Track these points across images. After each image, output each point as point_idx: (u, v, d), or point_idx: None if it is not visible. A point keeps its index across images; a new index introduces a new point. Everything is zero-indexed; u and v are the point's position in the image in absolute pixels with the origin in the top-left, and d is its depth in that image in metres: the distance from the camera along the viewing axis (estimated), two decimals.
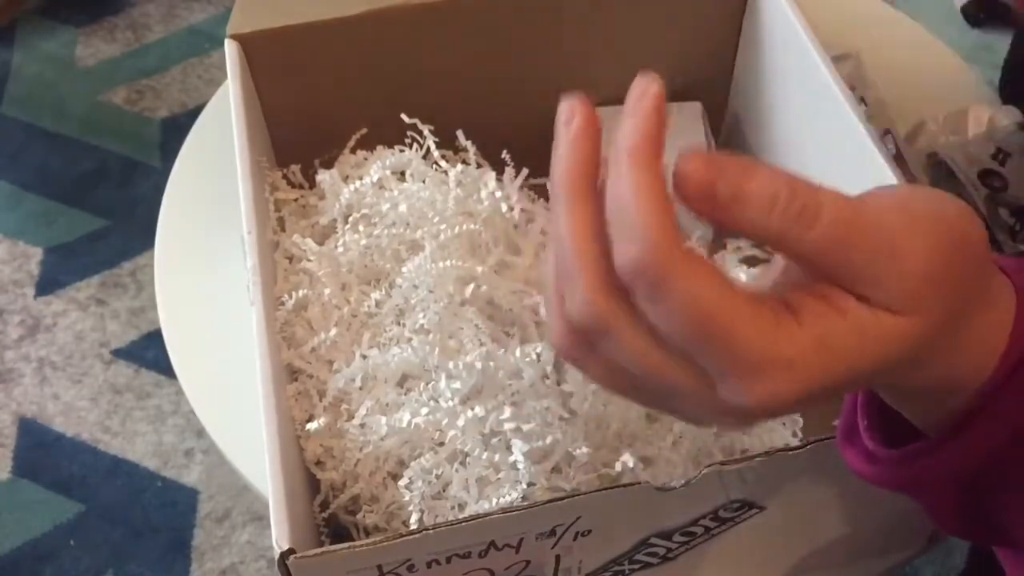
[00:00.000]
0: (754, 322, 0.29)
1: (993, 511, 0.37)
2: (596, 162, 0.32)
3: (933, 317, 0.31)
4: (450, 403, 0.51)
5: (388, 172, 0.61)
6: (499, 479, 0.49)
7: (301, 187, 0.65)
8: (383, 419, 0.52)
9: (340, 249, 0.58)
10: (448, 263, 0.55)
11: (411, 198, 0.59)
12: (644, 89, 0.33)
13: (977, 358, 0.34)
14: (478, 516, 0.42)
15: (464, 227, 0.57)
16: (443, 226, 0.57)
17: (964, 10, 1.98)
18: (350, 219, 0.60)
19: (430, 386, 0.53)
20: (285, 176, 0.65)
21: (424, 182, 0.60)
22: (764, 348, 0.29)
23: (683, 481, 0.44)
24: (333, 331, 0.55)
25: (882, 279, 0.30)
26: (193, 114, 0.82)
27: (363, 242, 0.58)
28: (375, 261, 0.59)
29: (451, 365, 0.52)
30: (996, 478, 0.36)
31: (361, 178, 0.61)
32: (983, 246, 0.33)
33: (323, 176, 0.62)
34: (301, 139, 0.65)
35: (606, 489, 0.43)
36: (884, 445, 0.38)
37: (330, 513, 0.53)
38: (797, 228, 0.30)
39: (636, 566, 0.51)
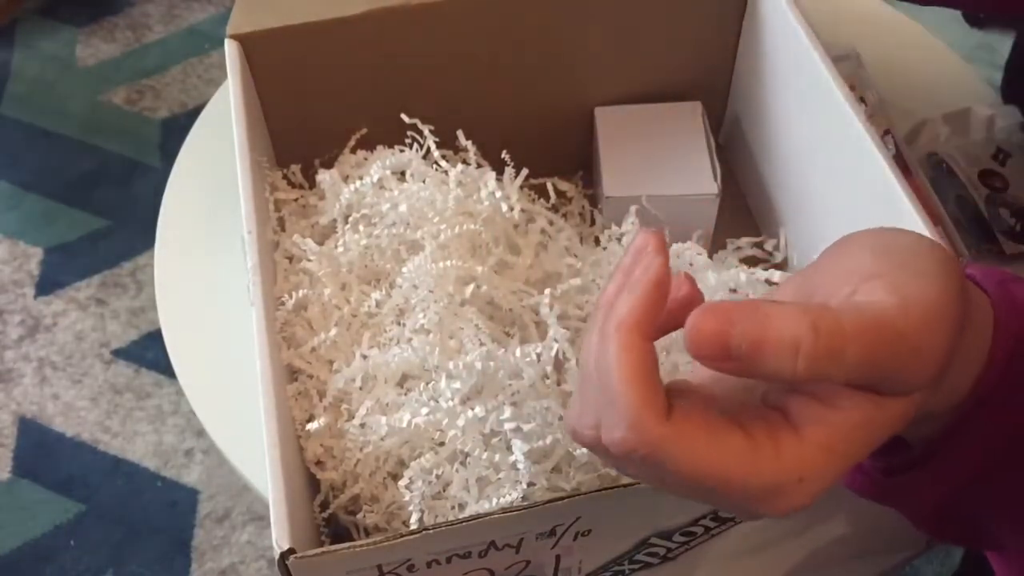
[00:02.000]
0: (754, 460, 0.30)
1: (975, 519, 0.37)
2: (660, 311, 0.32)
3: (933, 385, 0.31)
4: (450, 403, 0.51)
5: (388, 172, 0.61)
6: (499, 479, 0.49)
7: (301, 187, 0.65)
8: (383, 419, 0.52)
9: (340, 249, 0.58)
10: (448, 263, 0.55)
11: (411, 198, 0.59)
12: (643, 247, 0.33)
13: (955, 381, 0.34)
14: (478, 516, 0.42)
15: (464, 227, 0.57)
16: (443, 226, 0.57)
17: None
18: (350, 219, 0.60)
19: (430, 386, 0.53)
20: (285, 176, 0.65)
21: (424, 182, 0.60)
22: (769, 479, 0.30)
23: None
24: (333, 331, 0.55)
25: (906, 379, 0.30)
26: (193, 114, 0.82)
27: (363, 242, 0.58)
28: (375, 261, 0.59)
29: (451, 365, 0.52)
30: (975, 492, 0.36)
31: (361, 178, 0.61)
32: (964, 280, 0.33)
33: (323, 176, 0.62)
34: (301, 139, 0.65)
35: (606, 489, 0.43)
36: (873, 456, 0.37)
37: (330, 513, 0.53)
38: (827, 367, 0.29)
39: (636, 566, 0.51)
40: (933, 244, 0.33)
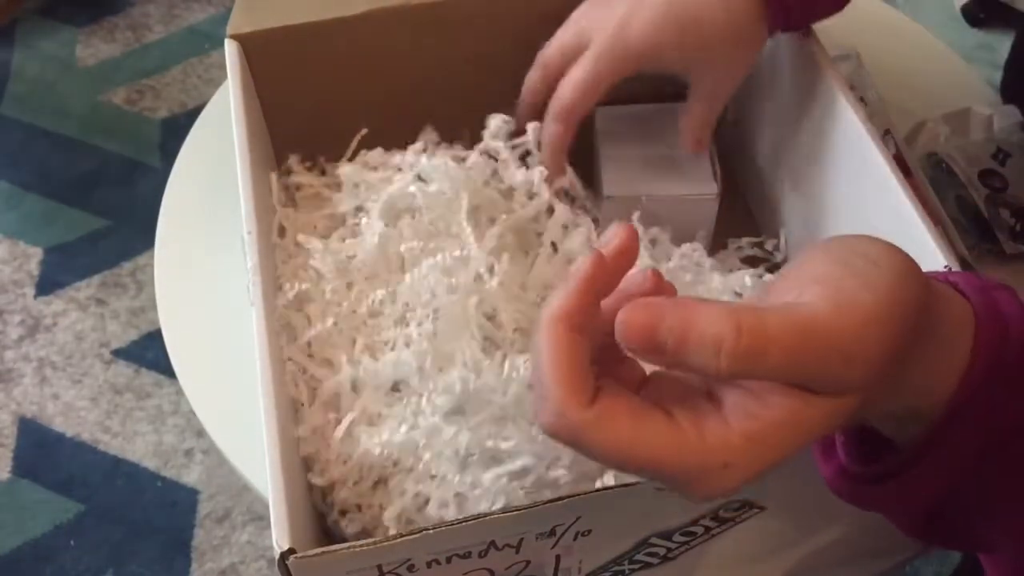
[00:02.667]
0: (676, 445, 0.31)
1: (965, 522, 0.37)
2: (592, 304, 0.34)
3: (870, 388, 0.32)
4: (432, 419, 0.51)
5: (405, 172, 0.61)
6: (476, 496, 0.49)
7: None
8: (363, 434, 0.52)
9: (348, 244, 0.59)
10: (453, 280, 0.55)
11: (427, 198, 0.59)
12: (609, 240, 0.35)
13: (928, 384, 0.34)
14: (478, 516, 0.42)
15: (477, 229, 0.57)
16: (453, 228, 0.57)
17: (964, 10, 1.98)
18: (362, 216, 0.60)
19: (415, 400, 0.53)
20: (284, 178, 0.65)
21: (438, 183, 0.60)
22: (693, 462, 0.31)
23: None
24: (330, 321, 0.55)
25: (833, 382, 0.31)
26: (193, 114, 0.82)
27: (375, 240, 0.58)
28: (387, 259, 0.59)
29: (431, 385, 0.52)
30: (962, 494, 0.36)
31: (376, 169, 0.61)
32: (923, 291, 0.33)
33: (344, 170, 0.62)
34: (301, 139, 0.65)
35: (606, 489, 0.43)
36: (862, 461, 0.38)
37: (322, 514, 0.53)
38: (748, 365, 0.30)
39: (636, 566, 0.51)
40: (894, 254, 0.34)
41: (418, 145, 0.62)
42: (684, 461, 0.32)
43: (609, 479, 0.49)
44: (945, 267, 0.50)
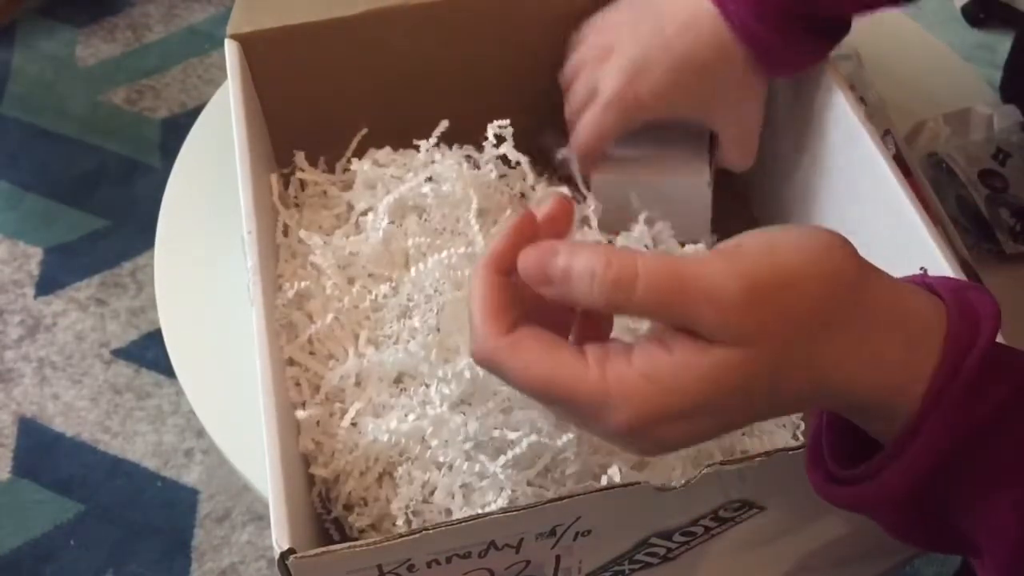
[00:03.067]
0: (579, 374, 0.35)
1: (945, 524, 0.38)
2: (516, 251, 0.38)
3: (763, 344, 0.34)
4: (439, 410, 0.51)
5: (418, 171, 0.61)
6: (483, 486, 0.50)
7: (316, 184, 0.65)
8: (371, 424, 0.52)
9: (351, 241, 0.59)
10: (459, 272, 0.55)
11: (437, 197, 0.59)
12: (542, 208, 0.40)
13: (899, 382, 0.35)
14: (478, 516, 0.42)
15: (483, 228, 0.57)
16: (459, 223, 0.57)
17: (964, 10, 1.98)
18: (369, 213, 0.60)
19: (421, 390, 0.53)
20: (288, 175, 0.65)
21: (449, 183, 0.60)
22: (593, 390, 0.35)
23: (683, 481, 0.44)
24: (329, 317, 0.55)
25: (713, 328, 0.34)
26: (193, 114, 0.82)
27: (379, 236, 0.58)
28: (390, 255, 0.59)
29: (440, 373, 0.52)
30: (936, 495, 0.36)
31: (388, 167, 0.61)
32: (848, 271, 0.35)
33: (357, 166, 0.62)
34: (301, 139, 0.65)
35: (606, 489, 0.43)
36: (849, 466, 0.38)
37: (326, 507, 0.53)
38: (618, 295, 0.34)
39: (636, 566, 0.51)
40: (818, 234, 0.36)
41: (431, 142, 0.62)
42: (583, 391, 0.35)
43: (615, 476, 0.49)
44: (921, 269, 0.51)
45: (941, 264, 0.52)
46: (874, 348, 0.35)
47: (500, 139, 0.60)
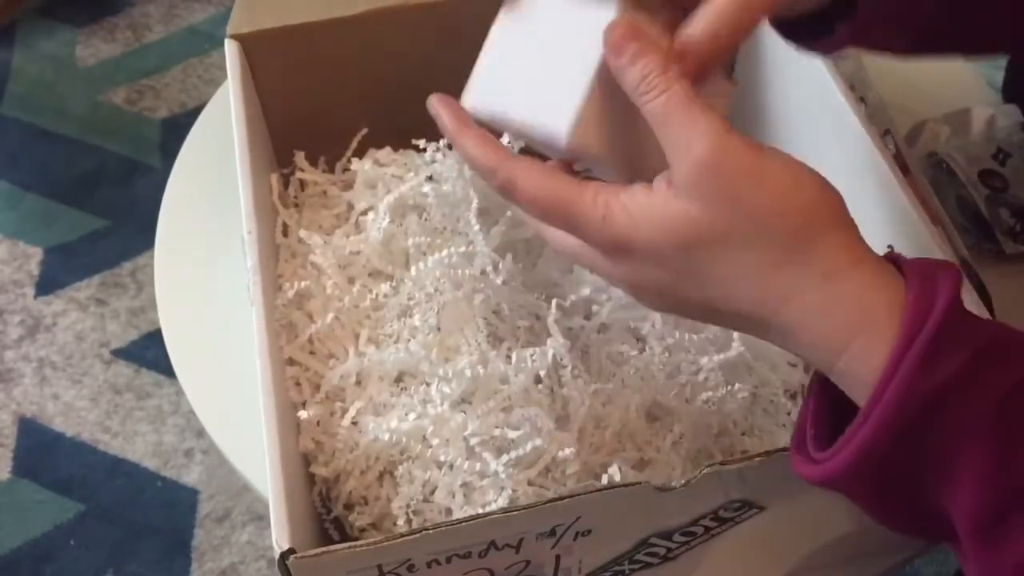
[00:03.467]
0: (581, 193, 0.41)
1: (917, 507, 0.38)
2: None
3: (712, 212, 0.37)
4: (439, 408, 0.51)
5: (419, 171, 0.61)
6: (483, 486, 0.50)
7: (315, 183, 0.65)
8: (371, 422, 0.52)
9: (351, 241, 0.59)
10: (462, 272, 0.55)
11: (437, 195, 0.59)
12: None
13: (866, 357, 0.36)
14: (478, 516, 0.42)
15: (483, 228, 0.57)
16: (459, 222, 0.57)
17: None
18: (369, 213, 0.60)
19: (421, 389, 0.53)
20: (288, 175, 0.65)
21: (450, 183, 0.60)
22: (590, 208, 0.40)
23: (683, 481, 0.44)
24: (329, 317, 0.55)
25: (675, 170, 0.38)
26: (193, 114, 0.82)
27: (379, 236, 0.58)
28: (390, 255, 0.59)
29: (440, 372, 0.52)
30: (907, 467, 0.36)
31: (388, 167, 0.61)
32: (817, 212, 0.39)
33: (357, 166, 0.62)
34: (301, 139, 0.65)
35: (606, 489, 0.43)
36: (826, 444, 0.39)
37: (326, 507, 0.53)
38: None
39: (636, 566, 0.51)
40: (814, 181, 0.40)
41: (433, 144, 0.62)
42: (581, 204, 0.40)
43: (615, 476, 0.49)
44: (888, 247, 0.50)
45: None
46: (827, 299, 0.37)
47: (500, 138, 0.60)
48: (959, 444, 0.35)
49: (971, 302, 0.51)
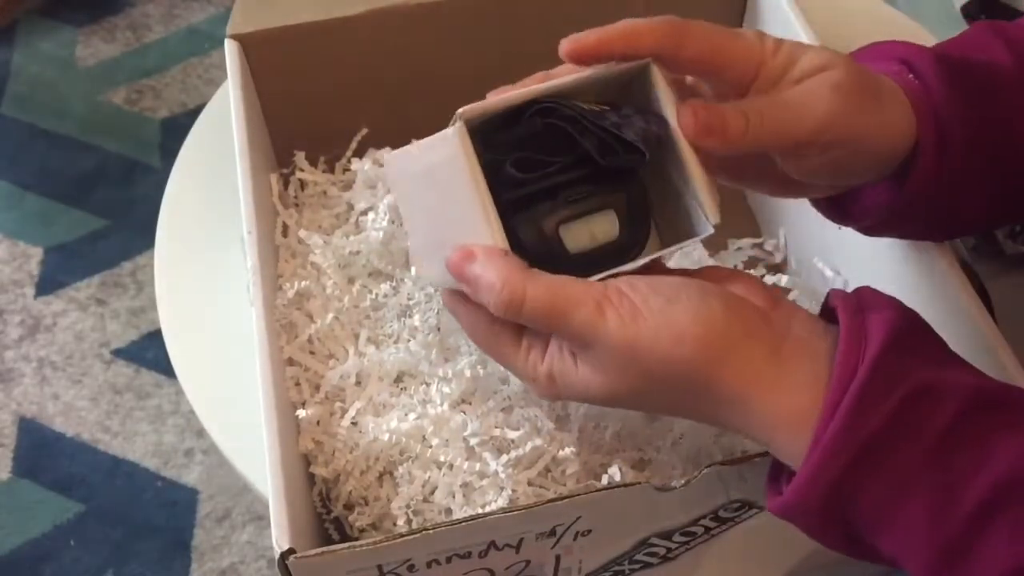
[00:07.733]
0: (511, 355, 0.44)
1: (868, 540, 0.39)
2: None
3: (625, 384, 0.41)
4: (439, 408, 0.51)
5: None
6: (483, 486, 0.50)
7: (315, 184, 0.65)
8: (371, 423, 0.52)
9: (351, 241, 0.59)
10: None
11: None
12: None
13: (754, 433, 0.40)
14: (478, 516, 0.42)
15: None
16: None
17: (964, 10, 1.98)
18: (369, 212, 0.60)
19: (421, 389, 0.53)
20: (288, 175, 0.65)
21: None
22: (519, 369, 0.44)
23: (683, 481, 0.44)
24: (329, 317, 0.55)
25: (587, 344, 0.41)
26: (193, 114, 0.82)
27: (380, 236, 0.58)
28: (390, 255, 0.59)
29: (440, 372, 0.52)
30: (853, 505, 0.38)
31: (383, 165, 0.61)
32: (693, 371, 0.40)
33: (357, 166, 0.62)
34: (301, 139, 0.65)
35: (606, 489, 0.43)
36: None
37: (326, 507, 0.53)
38: (509, 311, 0.41)
39: (636, 566, 0.51)
40: (684, 333, 0.40)
41: None
42: (514, 367, 0.44)
43: (615, 476, 0.49)
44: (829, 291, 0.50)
45: (940, 264, 0.52)
46: (741, 421, 0.41)
47: None
48: (894, 496, 0.37)
49: (971, 303, 0.51)
